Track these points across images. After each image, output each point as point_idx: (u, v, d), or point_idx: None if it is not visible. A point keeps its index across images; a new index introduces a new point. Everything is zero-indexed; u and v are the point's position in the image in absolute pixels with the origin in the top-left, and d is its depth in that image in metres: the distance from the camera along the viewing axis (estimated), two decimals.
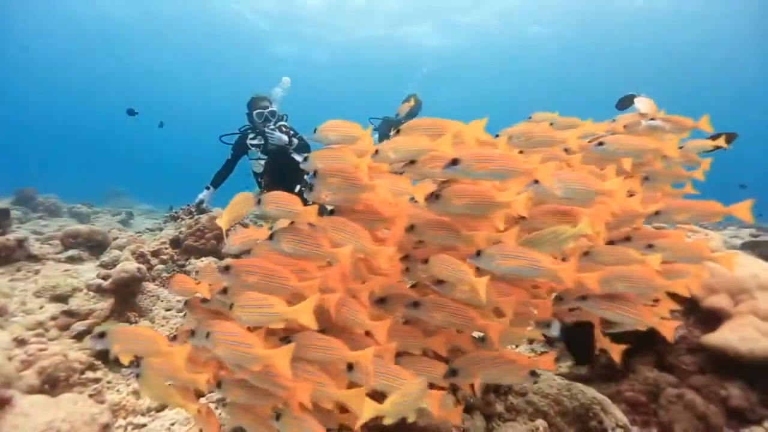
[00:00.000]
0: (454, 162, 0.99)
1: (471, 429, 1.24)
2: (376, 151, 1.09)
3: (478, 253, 0.97)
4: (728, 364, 1.43)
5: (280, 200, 1.06)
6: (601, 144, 1.27)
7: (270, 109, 3.47)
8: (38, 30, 20.44)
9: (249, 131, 3.56)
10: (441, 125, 1.10)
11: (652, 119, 1.48)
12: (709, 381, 1.51)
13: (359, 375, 0.91)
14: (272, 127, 3.42)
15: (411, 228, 1.10)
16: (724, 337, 1.43)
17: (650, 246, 1.17)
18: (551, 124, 1.54)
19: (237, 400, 0.96)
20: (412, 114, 4.64)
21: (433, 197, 1.04)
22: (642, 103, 1.45)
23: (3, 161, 27.18)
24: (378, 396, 0.88)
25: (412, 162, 1.09)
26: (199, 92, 29.48)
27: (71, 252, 3.25)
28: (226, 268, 0.98)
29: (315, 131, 1.16)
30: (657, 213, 1.22)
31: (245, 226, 1.09)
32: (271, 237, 1.05)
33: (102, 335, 0.93)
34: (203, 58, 23.82)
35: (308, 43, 20.91)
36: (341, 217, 1.06)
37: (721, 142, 1.41)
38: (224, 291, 1.06)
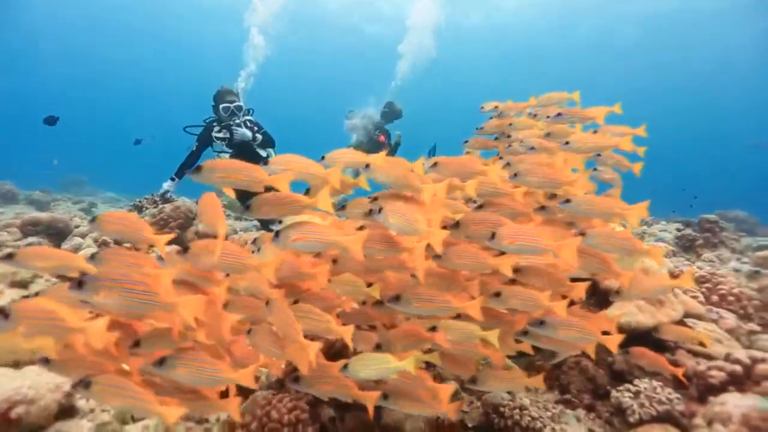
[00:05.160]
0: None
1: None
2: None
3: None
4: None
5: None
6: (567, 143, 1.51)
7: (236, 103, 3.56)
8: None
9: (214, 124, 3.63)
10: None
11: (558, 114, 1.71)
12: (600, 350, 1.80)
13: None
14: (237, 122, 3.52)
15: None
16: (612, 313, 1.72)
17: (582, 234, 1.26)
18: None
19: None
20: (391, 117, 4.91)
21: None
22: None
23: None
24: None
25: None
26: (165, 79, 28.51)
27: (30, 239, 3.27)
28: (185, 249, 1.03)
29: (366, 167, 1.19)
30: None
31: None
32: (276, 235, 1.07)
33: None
34: (171, 41, 23.04)
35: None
36: None
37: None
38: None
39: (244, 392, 1.34)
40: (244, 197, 1.04)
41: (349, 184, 1.25)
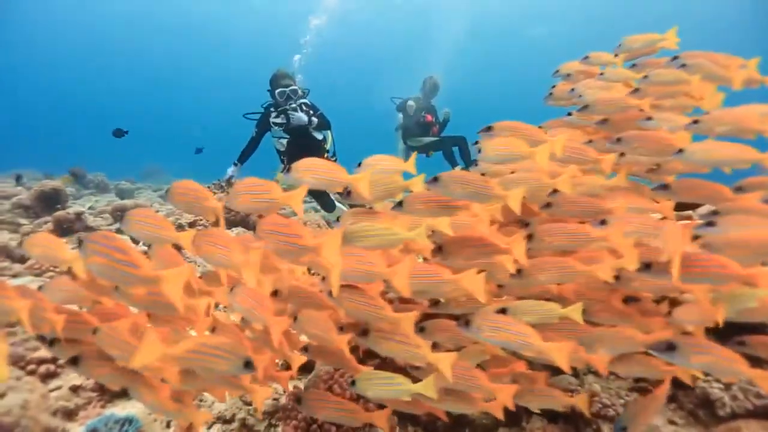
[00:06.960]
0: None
1: None
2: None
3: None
4: None
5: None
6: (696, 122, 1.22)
7: (291, 87, 3.59)
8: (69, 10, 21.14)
9: (272, 109, 3.72)
10: None
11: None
12: None
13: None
14: (293, 106, 3.56)
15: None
16: None
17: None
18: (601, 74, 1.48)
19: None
20: (434, 92, 4.81)
21: None
22: None
23: (51, 142, 29.03)
24: None
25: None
26: (228, 68, 29.96)
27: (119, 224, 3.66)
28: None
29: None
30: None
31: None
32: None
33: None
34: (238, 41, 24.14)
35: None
36: None
37: None
38: None
39: (307, 367, 1.41)
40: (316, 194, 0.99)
41: (400, 186, 1.14)
